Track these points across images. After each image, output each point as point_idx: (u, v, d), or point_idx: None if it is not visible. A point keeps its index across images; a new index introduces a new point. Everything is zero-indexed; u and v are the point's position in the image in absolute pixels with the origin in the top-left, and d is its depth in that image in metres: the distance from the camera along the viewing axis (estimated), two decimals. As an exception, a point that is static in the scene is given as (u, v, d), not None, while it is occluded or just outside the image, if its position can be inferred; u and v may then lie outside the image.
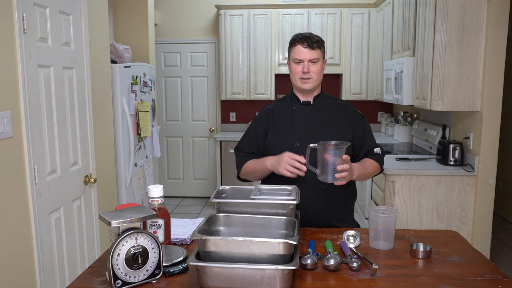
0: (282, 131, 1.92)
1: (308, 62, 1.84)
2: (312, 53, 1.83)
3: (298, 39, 1.86)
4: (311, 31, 5.04)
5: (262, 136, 1.95)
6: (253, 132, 1.99)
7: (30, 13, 2.05)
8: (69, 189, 2.43)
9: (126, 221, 1.21)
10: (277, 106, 2.00)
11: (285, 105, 1.98)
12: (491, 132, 2.99)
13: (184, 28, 5.58)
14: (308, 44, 1.83)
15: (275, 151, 1.87)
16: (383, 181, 3.21)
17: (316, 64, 1.85)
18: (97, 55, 2.76)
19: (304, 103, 1.94)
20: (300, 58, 1.84)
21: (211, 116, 5.71)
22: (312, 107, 1.94)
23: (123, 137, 3.24)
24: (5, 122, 1.88)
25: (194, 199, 5.81)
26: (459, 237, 1.68)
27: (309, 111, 1.93)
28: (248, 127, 2.06)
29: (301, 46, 1.84)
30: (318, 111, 1.93)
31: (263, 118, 1.98)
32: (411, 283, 1.27)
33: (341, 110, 1.96)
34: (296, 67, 1.87)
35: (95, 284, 1.27)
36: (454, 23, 2.94)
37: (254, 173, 1.91)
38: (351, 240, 1.57)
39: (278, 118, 1.95)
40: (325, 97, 1.98)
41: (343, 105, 1.98)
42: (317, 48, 1.84)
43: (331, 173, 1.62)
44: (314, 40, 1.84)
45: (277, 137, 1.92)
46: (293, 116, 1.93)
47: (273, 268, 1.14)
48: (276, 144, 1.90)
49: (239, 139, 2.06)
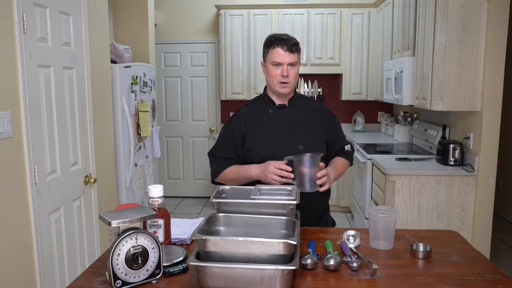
0: (260, 137, 1.90)
1: (287, 65, 1.83)
2: (291, 57, 1.83)
3: (276, 42, 1.83)
4: (311, 31, 5.05)
5: (240, 141, 1.92)
6: (229, 137, 1.94)
7: (30, 13, 2.05)
8: (69, 189, 2.43)
9: (126, 221, 1.21)
10: (252, 110, 1.97)
11: (260, 108, 1.96)
12: (491, 132, 2.99)
13: (184, 28, 5.58)
14: (288, 47, 1.82)
15: (255, 157, 1.87)
16: (383, 181, 3.21)
17: (294, 67, 1.86)
18: (97, 55, 2.76)
19: (279, 106, 1.94)
20: (280, 61, 1.83)
21: (211, 116, 5.71)
22: (288, 110, 1.94)
23: (123, 137, 3.24)
24: (5, 122, 1.88)
25: (194, 199, 5.81)
26: (459, 237, 1.68)
27: (284, 114, 1.93)
28: (221, 131, 2.01)
29: (280, 49, 1.82)
30: (293, 114, 1.93)
31: (240, 122, 1.94)
32: (411, 283, 1.27)
33: (315, 111, 1.97)
34: (274, 70, 1.85)
35: (95, 284, 1.27)
36: (454, 23, 2.94)
37: (235, 180, 1.90)
38: (351, 240, 1.57)
39: (254, 123, 1.93)
40: (299, 98, 1.99)
41: (317, 106, 2.00)
42: (295, 51, 1.84)
43: (308, 182, 1.69)
44: (292, 43, 1.83)
45: (256, 142, 1.89)
46: (270, 120, 1.92)
47: (273, 268, 1.14)
48: (255, 150, 1.88)
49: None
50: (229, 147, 1.95)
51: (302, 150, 1.87)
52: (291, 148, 1.87)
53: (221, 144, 1.98)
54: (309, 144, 1.89)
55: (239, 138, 1.92)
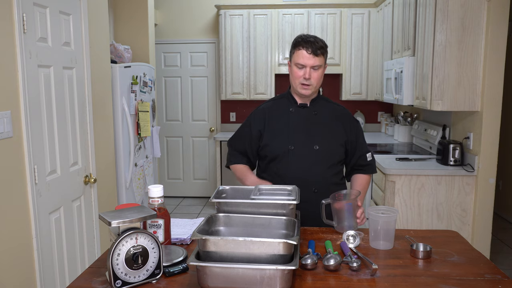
0: (277, 133, 1.92)
1: (310, 68, 1.83)
2: (315, 60, 1.82)
3: (303, 43, 1.83)
4: (311, 31, 5.04)
5: (256, 137, 1.96)
6: (247, 131, 2.00)
7: (30, 13, 2.05)
8: (69, 189, 2.43)
9: (126, 221, 1.21)
10: (274, 106, 2.00)
11: (282, 105, 1.98)
12: (491, 132, 2.99)
13: (184, 28, 5.58)
14: (312, 50, 1.81)
15: (270, 152, 1.91)
16: (383, 181, 3.21)
17: (317, 70, 1.85)
18: (97, 55, 2.76)
19: (300, 106, 1.95)
20: (303, 64, 1.83)
21: (211, 116, 5.71)
22: (308, 110, 1.94)
23: (123, 137, 3.24)
24: (5, 122, 1.88)
25: (194, 199, 5.81)
26: (459, 237, 1.68)
27: (305, 114, 1.94)
28: (245, 121, 2.06)
29: (305, 51, 1.82)
30: (314, 114, 1.93)
31: (259, 118, 1.98)
32: (411, 283, 1.27)
33: (336, 114, 1.97)
34: (297, 72, 1.86)
35: (95, 284, 1.27)
36: (454, 23, 2.94)
37: (239, 180, 2.06)
38: (351, 240, 1.57)
39: (274, 119, 1.95)
40: (322, 100, 1.99)
41: (339, 109, 2.00)
42: (320, 54, 1.83)
43: (347, 224, 1.67)
44: (318, 46, 1.82)
45: (273, 138, 1.92)
46: (289, 118, 1.93)
47: (273, 268, 1.14)
48: (271, 146, 1.91)
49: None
50: (244, 140, 2.01)
51: (318, 151, 1.88)
52: (307, 148, 1.88)
53: (238, 136, 2.05)
54: (325, 145, 1.89)
55: (255, 133, 1.96)
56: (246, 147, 1.99)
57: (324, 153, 1.89)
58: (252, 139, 1.97)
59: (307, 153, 1.88)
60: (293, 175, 1.87)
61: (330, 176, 1.92)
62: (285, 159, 1.89)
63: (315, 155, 1.88)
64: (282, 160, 1.89)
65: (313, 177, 1.87)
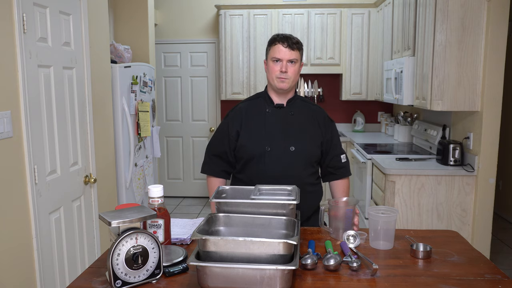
0: (254, 134, 1.91)
1: (287, 62, 1.85)
2: (291, 53, 1.85)
3: (278, 39, 1.88)
4: (311, 31, 5.05)
5: (233, 137, 1.95)
6: (225, 132, 1.98)
7: (30, 13, 2.05)
8: (69, 189, 2.43)
9: (126, 221, 1.21)
10: (250, 106, 1.99)
11: (258, 105, 1.98)
12: (491, 132, 2.99)
13: (184, 28, 5.58)
14: (288, 44, 1.85)
15: (246, 153, 1.91)
16: (383, 181, 3.21)
17: (294, 64, 1.87)
18: (97, 55, 2.76)
19: (277, 106, 1.95)
20: (279, 57, 1.85)
21: (211, 116, 5.71)
22: (285, 110, 1.94)
23: (123, 137, 3.24)
24: (5, 122, 1.88)
25: (194, 199, 5.81)
26: (459, 237, 1.68)
27: (281, 114, 1.94)
28: (221, 123, 2.04)
29: (281, 45, 1.85)
30: (290, 115, 1.94)
31: (236, 118, 1.97)
32: (411, 283, 1.27)
33: (312, 115, 1.97)
34: (274, 66, 1.88)
35: (95, 284, 1.27)
36: (454, 23, 2.94)
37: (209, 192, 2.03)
38: (351, 240, 1.57)
39: (250, 120, 1.95)
40: (298, 100, 1.99)
41: (314, 109, 2.00)
42: (296, 49, 1.87)
43: (345, 231, 1.63)
44: (294, 41, 1.87)
45: (249, 139, 1.91)
46: (266, 119, 1.93)
47: (273, 268, 1.14)
48: (247, 147, 1.91)
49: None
50: (224, 141, 1.98)
51: (293, 152, 1.88)
52: (283, 149, 1.88)
53: (216, 139, 2.03)
54: (301, 147, 1.90)
55: (232, 133, 1.95)
56: (225, 148, 1.97)
57: (300, 154, 1.89)
58: (231, 140, 1.95)
59: (283, 154, 1.88)
60: (269, 176, 1.86)
61: (306, 177, 1.92)
62: (261, 160, 1.88)
63: (291, 156, 1.88)
64: (258, 161, 1.89)
65: (289, 178, 1.85)
